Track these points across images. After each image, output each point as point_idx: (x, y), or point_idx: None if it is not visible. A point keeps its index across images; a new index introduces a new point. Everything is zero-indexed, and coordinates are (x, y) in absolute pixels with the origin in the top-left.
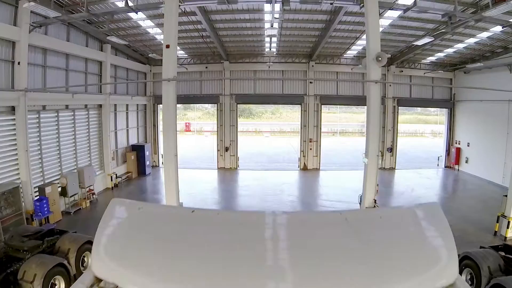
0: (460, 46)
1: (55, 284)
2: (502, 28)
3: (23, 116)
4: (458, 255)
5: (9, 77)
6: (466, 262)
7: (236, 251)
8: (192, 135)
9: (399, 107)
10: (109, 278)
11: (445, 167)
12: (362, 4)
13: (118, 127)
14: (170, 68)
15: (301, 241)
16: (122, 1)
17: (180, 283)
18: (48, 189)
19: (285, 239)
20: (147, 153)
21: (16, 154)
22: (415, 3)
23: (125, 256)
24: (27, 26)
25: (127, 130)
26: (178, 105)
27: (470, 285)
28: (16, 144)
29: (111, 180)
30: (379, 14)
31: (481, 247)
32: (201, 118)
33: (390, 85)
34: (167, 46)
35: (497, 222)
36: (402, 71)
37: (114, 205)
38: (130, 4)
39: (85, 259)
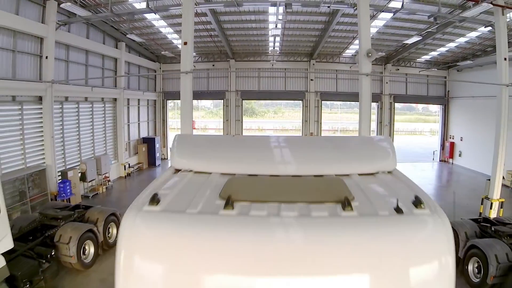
0: (452, 45)
1: (86, 249)
2: (484, 27)
3: (50, 105)
4: None
5: (37, 70)
6: None
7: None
8: (197, 132)
9: (395, 103)
10: (185, 166)
11: (440, 161)
12: (356, 7)
13: (130, 120)
14: (187, 62)
15: (304, 146)
16: (140, 2)
17: (236, 163)
18: (70, 173)
19: (291, 147)
20: (157, 145)
21: (42, 140)
22: (402, 5)
23: (195, 152)
24: (53, 24)
25: (139, 124)
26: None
27: (463, 258)
28: (42, 130)
29: (125, 169)
30: (373, 16)
31: (461, 219)
32: (204, 117)
33: (387, 83)
34: (185, 43)
35: (482, 204)
36: (398, 69)
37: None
38: (150, 5)
39: (110, 230)
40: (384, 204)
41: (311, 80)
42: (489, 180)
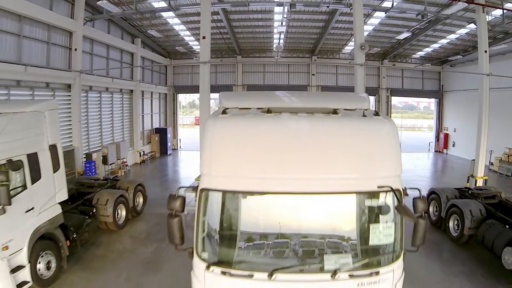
0: (443, 41)
1: (118, 212)
2: (468, 24)
3: (78, 93)
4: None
5: (66, 61)
6: (432, 196)
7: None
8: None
9: (392, 97)
10: (232, 105)
11: (435, 151)
12: (351, 6)
13: (144, 111)
14: (205, 54)
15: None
16: (159, 1)
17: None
18: (94, 155)
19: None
20: (169, 135)
21: (71, 124)
22: (392, 5)
23: (238, 96)
24: (81, 20)
25: (151, 115)
26: (184, 104)
27: (435, 211)
28: (70, 115)
29: (140, 156)
30: (369, 15)
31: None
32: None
33: (384, 77)
34: (203, 37)
35: (467, 182)
36: (394, 64)
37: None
38: (170, 4)
39: (137, 199)
40: (356, 114)
41: (313, 74)
42: (474, 160)
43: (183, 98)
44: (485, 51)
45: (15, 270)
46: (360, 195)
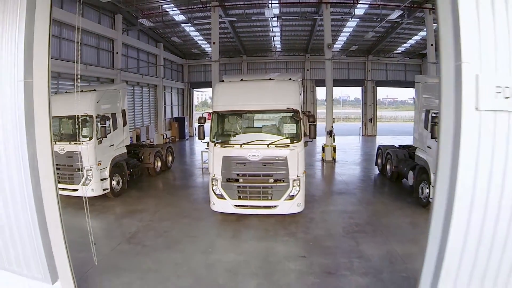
0: (417, 38)
1: (156, 164)
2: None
3: None
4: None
5: (110, 61)
6: (379, 151)
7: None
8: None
9: (377, 87)
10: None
11: (362, 135)
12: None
13: (166, 103)
14: (216, 55)
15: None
16: (178, 15)
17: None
18: (131, 133)
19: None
20: (186, 123)
21: None
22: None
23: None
24: (120, 30)
25: (171, 106)
26: (197, 103)
27: (384, 163)
28: None
29: (163, 138)
30: (344, 20)
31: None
32: None
33: (369, 70)
34: (214, 43)
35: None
36: (378, 59)
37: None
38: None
39: (167, 157)
40: (283, 80)
41: (307, 70)
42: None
43: (196, 98)
44: (432, 45)
45: (102, 180)
46: (280, 111)
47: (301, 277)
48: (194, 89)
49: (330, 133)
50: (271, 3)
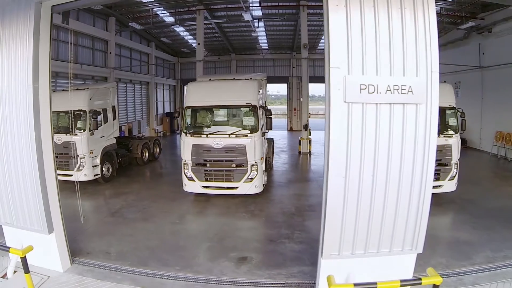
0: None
1: (143, 154)
2: None
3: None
4: None
5: (104, 60)
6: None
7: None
8: None
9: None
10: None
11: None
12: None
13: (158, 99)
14: (200, 54)
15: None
16: (168, 16)
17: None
18: (123, 127)
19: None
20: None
21: None
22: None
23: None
24: (113, 32)
25: (163, 102)
26: None
27: None
28: None
29: (155, 132)
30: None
31: None
32: None
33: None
34: (198, 44)
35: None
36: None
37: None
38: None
39: (155, 149)
40: (245, 79)
41: (293, 67)
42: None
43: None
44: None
45: (94, 166)
46: (240, 106)
47: (247, 242)
48: (186, 86)
49: (306, 127)
50: (251, 6)
